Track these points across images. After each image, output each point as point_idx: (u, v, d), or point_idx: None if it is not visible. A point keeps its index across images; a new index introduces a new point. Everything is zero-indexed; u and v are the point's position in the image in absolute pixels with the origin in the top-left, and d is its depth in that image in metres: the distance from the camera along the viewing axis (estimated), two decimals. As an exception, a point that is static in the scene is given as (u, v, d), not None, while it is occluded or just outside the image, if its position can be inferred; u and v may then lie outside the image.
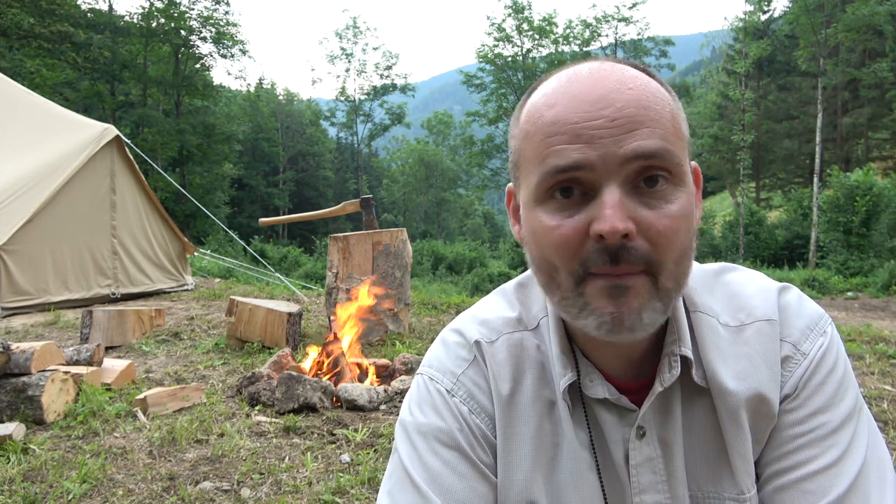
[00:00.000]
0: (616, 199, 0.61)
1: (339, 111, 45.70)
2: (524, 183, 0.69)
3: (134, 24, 27.99)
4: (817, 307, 0.77)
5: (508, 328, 0.79)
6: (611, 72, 0.65)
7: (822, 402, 0.70)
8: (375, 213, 5.04)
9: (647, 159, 0.61)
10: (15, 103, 7.06)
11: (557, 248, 0.64)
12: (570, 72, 0.68)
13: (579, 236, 0.63)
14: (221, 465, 2.53)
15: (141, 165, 8.36)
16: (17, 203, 6.03)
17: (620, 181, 0.62)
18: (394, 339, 4.71)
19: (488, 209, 59.40)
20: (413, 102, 49.32)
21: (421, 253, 24.71)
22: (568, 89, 0.65)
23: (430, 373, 0.79)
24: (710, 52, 67.28)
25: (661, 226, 0.62)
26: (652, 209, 0.62)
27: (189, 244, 8.39)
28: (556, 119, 0.64)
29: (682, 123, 0.68)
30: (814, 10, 23.07)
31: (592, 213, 0.62)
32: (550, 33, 35.63)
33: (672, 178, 0.63)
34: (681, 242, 0.63)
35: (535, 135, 0.66)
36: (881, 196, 17.52)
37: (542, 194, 0.65)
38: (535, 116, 0.67)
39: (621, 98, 0.62)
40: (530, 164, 0.67)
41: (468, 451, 0.72)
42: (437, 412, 0.75)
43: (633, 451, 0.72)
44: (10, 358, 3.06)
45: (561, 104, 0.64)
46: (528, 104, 0.70)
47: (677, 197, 0.63)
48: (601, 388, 0.72)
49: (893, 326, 7.68)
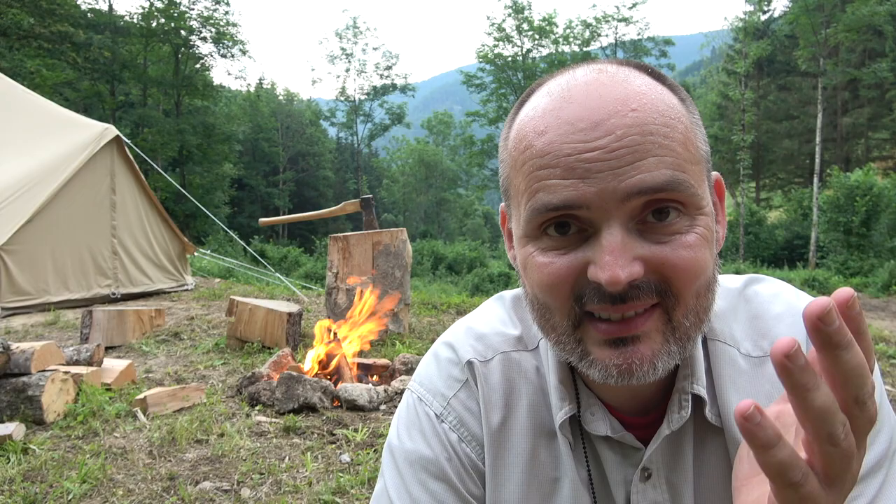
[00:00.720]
0: (617, 242, 0.52)
1: (339, 111, 45.77)
2: (514, 214, 0.62)
3: (134, 24, 27.99)
4: None
5: (506, 347, 0.73)
6: (611, 86, 0.55)
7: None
8: (375, 213, 5.04)
9: (654, 193, 0.53)
10: (15, 103, 7.06)
11: (550, 288, 0.57)
12: (564, 85, 0.58)
13: (573, 276, 0.55)
14: (221, 465, 2.53)
15: (141, 165, 8.36)
16: (17, 203, 6.03)
17: (623, 219, 0.53)
18: (394, 339, 4.71)
19: (488, 209, 59.38)
20: (413, 102, 49.37)
21: (421, 253, 24.71)
22: (561, 111, 0.56)
23: (420, 392, 0.74)
24: (710, 52, 67.28)
25: (677, 258, 0.54)
26: (664, 244, 0.54)
27: (189, 244, 8.39)
28: (546, 149, 0.55)
29: (698, 140, 0.58)
30: (814, 10, 23.08)
31: (590, 255, 0.54)
32: (550, 33, 35.66)
33: (686, 209, 0.54)
34: (701, 275, 0.55)
35: (523, 165, 0.57)
36: (881, 196, 17.53)
37: (534, 230, 0.57)
38: (523, 143, 0.58)
39: (622, 122, 0.53)
40: (520, 197, 0.59)
41: (456, 483, 0.68)
42: (424, 439, 0.70)
43: (636, 494, 0.66)
44: (10, 358, 3.06)
45: (552, 131, 0.55)
46: (517, 124, 0.61)
47: (694, 227, 0.55)
48: (603, 424, 0.66)
49: (893, 326, 7.68)
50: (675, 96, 0.59)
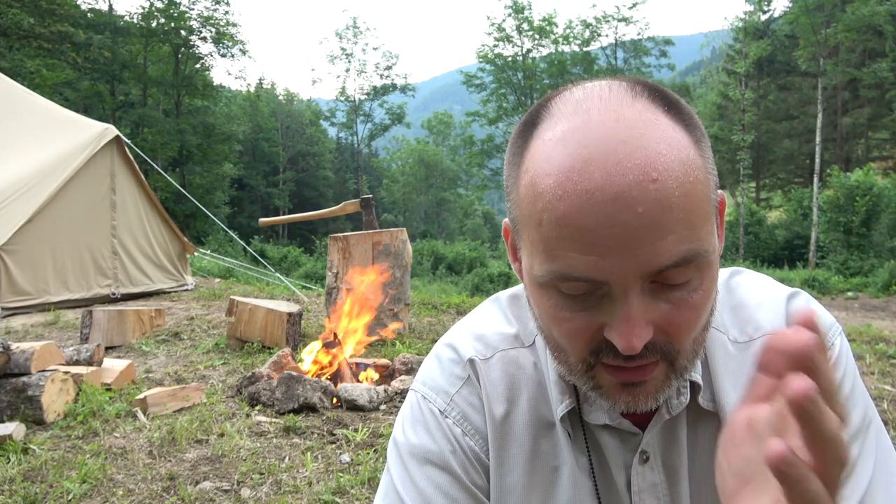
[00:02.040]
0: (633, 313, 0.54)
1: (339, 111, 45.76)
2: (525, 253, 0.61)
3: (134, 24, 27.99)
4: (827, 315, 0.73)
5: (505, 345, 0.76)
6: (630, 145, 0.53)
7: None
8: (375, 213, 5.04)
9: (671, 268, 0.53)
10: (15, 103, 7.06)
11: (567, 339, 0.59)
12: (581, 136, 0.54)
13: (590, 332, 0.57)
14: (221, 465, 2.53)
15: (141, 165, 8.36)
16: (17, 203, 6.03)
17: (638, 289, 0.54)
18: (394, 339, 4.71)
19: (488, 209, 59.42)
20: (413, 102, 49.37)
21: (421, 253, 24.71)
22: (579, 176, 0.53)
23: (424, 391, 0.76)
24: (710, 52, 67.26)
25: (683, 321, 0.56)
26: (673, 303, 0.56)
27: (189, 244, 8.39)
28: (566, 220, 0.53)
29: (710, 186, 0.57)
30: (814, 10, 23.08)
31: (607, 317, 0.56)
32: (550, 33, 35.65)
33: (698, 270, 0.55)
34: (701, 325, 0.59)
35: (539, 224, 0.56)
36: (881, 196, 17.54)
37: (548, 282, 0.57)
38: (539, 203, 0.56)
39: (643, 198, 0.51)
40: (533, 248, 0.58)
41: (461, 475, 0.71)
42: (429, 433, 0.73)
43: (636, 476, 0.70)
44: (10, 358, 3.06)
45: (570, 198, 0.53)
46: (529, 163, 0.58)
47: (702, 281, 0.56)
48: (601, 414, 0.69)
49: (893, 326, 7.68)
50: (688, 136, 0.56)
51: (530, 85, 35.21)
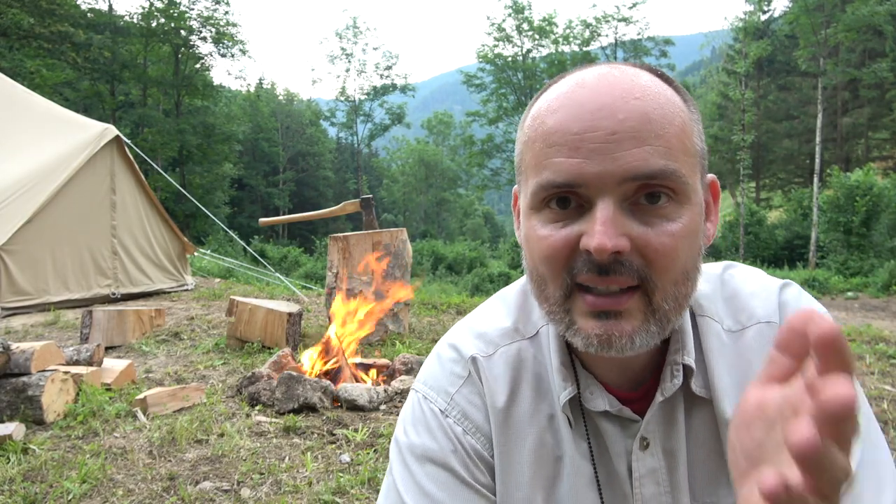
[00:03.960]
0: (608, 216, 0.58)
1: (339, 111, 45.71)
2: (523, 189, 0.68)
3: (134, 24, 27.97)
4: (818, 305, 0.74)
5: (506, 340, 0.77)
6: (619, 78, 0.62)
7: None
8: (375, 213, 5.03)
9: (647, 179, 0.58)
10: (15, 103, 7.06)
11: (546, 259, 0.62)
12: (578, 76, 0.64)
13: (569, 247, 0.61)
14: (221, 465, 2.53)
15: (141, 165, 8.36)
16: (17, 203, 6.02)
17: (617, 197, 0.59)
18: (394, 339, 4.71)
19: (488, 209, 59.42)
20: (413, 102, 49.32)
21: (421, 253, 24.70)
22: (572, 96, 0.62)
23: (424, 391, 0.77)
24: (710, 52, 67.31)
25: (658, 243, 0.59)
26: (650, 226, 0.59)
27: (189, 244, 8.38)
28: (556, 128, 0.61)
29: (694, 137, 0.64)
30: (814, 10, 23.07)
31: (585, 227, 0.60)
32: (550, 33, 35.63)
33: (676, 196, 0.60)
34: (681, 262, 0.60)
35: (535, 141, 0.64)
36: (881, 196, 17.52)
37: (538, 203, 0.63)
38: (537, 122, 0.64)
39: (625, 108, 0.59)
40: (529, 172, 0.65)
41: (462, 474, 0.71)
42: (430, 433, 0.73)
43: (637, 462, 0.71)
44: (10, 358, 3.06)
45: (563, 111, 0.61)
46: (534, 108, 0.67)
47: (680, 215, 0.60)
48: (602, 401, 0.71)
49: (893, 326, 7.67)
50: (678, 95, 0.64)
51: (530, 85, 35.17)
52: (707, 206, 0.67)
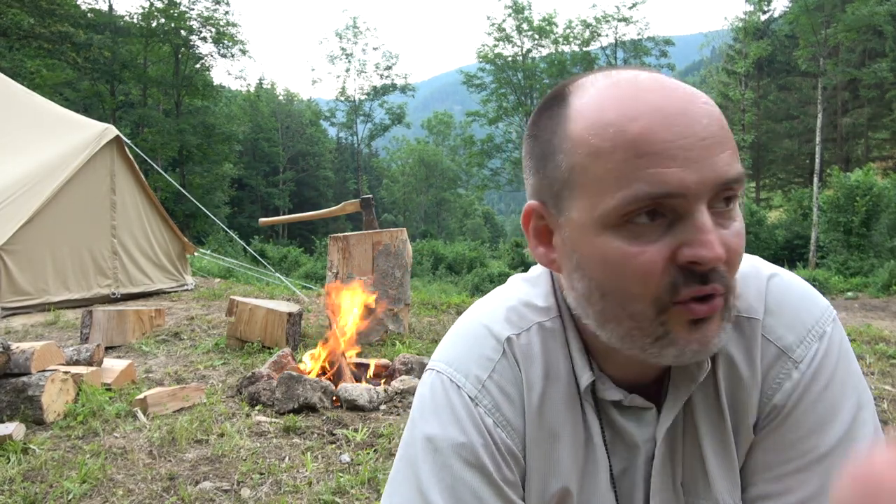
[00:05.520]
0: (710, 223, 0.56)
1: (339, 111, 45.72)
2: (582, 204, 0.60)
3: (134, 24, 27.96)
4: (818, 299, 0.71)
5: (540, 316, 0.72)
6: (672, 82, 0.59)
7: (816, 420, 0.64)
8: (375, 213, 5.03)
9: (734, 184, 0.58)
10: (15, 103, 7.06)
11: (641, 277, 0.57)
12: (625, 77, 0.60)
13: (665, 262, 0.57)
14: (221, 465, 2.53)
15: (141, 165, 8.36)
16: (17, 203, 6.02)
17: (708, 204, 0.57)
18: (394, 340, 4.71)
19: (488, 209, 59.42)
20: (413, 102, 49.34)
21: (421, 253, 24.70)
22: (643, 98, 0.57)
23: (451, 373, 0.69)
24: (710, 52, 67.31)
25: (735, 245, 0.59)
26: (727, 229, 0.59)
27: (189, 244, 8.38)
28: (645, 136, 0.55)
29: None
30: (814, 10, 23.08)
31: (681, 238, 0.56)
32: (550, 33, 35.64)
33: (736, 199, 0.61)
34: (741, 260, 0.62)
35: (612, 152, 0.56)
36: (881, 196, 17.52)
37: (619, 218, 0.57)
38: (610, 129, 0.57)
39: (702, 112, 0.57)
40: (602, 185, 0.58)
41: (491, 471, 0.65)
42: (458, 424, 0.66)
43: (658, 450, 0.69)
44: (10, 358, 3.06)
45: (644, 117, 0.56)
46: (579, 111, 0.60)
47: (738, 213, 0.61)
48: (615, 391, 0.69)
49: (893, 326, 7.67)
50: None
51: (530, 85, 35.18)
52: None
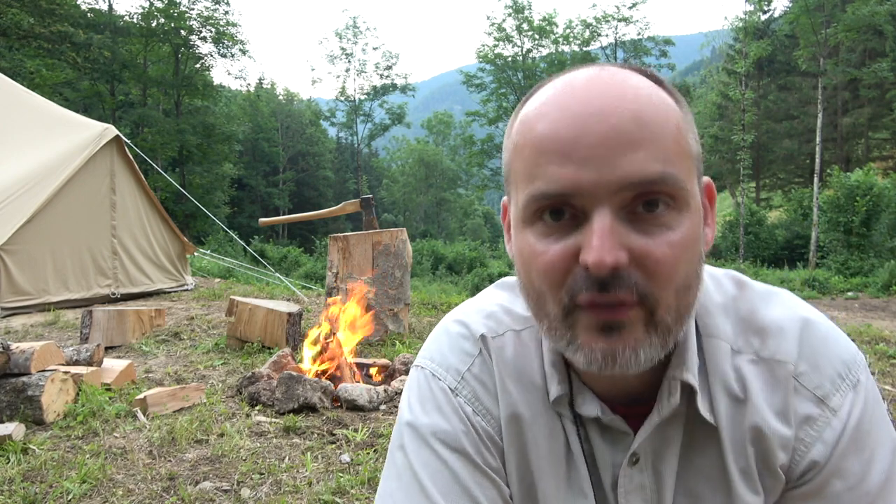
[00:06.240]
0: (606, 227, 0.54)
1: (339, 111, 45.73)
2: (514, 200, 0.64)
3: (134, 24, 27.98)
4: (850, 346, 0.67)
5: (516, 324, 0.74)
6: (609, 81, 0.58)
7: (859, 469, 0.63)
8: (375, 213, 5.03)
9: (645, 187, 0.55)
10: (15, 103, 7.06)
11: (544, 275, 0.59)
12: (567, 79, 0.61)
13: (566, 263, 0.57)
14: (221, 465, 2.53)
15: (141, 165, 8.36)
16: (17, 203, 6.02)
17: (614, 206, 0.55)
18: (394, 340, 4.71)
19: (488, 209, 59.38)
20: (413, 102, 49.34)
21: (421, 253, 24.69)
22: (561, 100, 0.59)
23: (433, 368, 0.73)
24: (710, 52, 67.30)
25: (660, 254, 0.55)
26: (650, 236, 0.56)
27: (189, 244, 8.38)
28: (546, 134, 0.58)
29: (690, 139, 0.61)
30: (814, 10, 23.06)
31: (581, 240, 0.56)
32: (550, 33, 35.65)
33: (674, 203, 0.57)
34: (683, 272, 0.57)
35: (523, 149, 0.60)
36: (881, 196, 17.51)
37: (531, 216, 0.59)
38: (525, 128, 0.61)
39: (618, 112, 0.55)
40: (519, 182, 0.61)
41: (473, 456, 0.68)
42: (440, 412, 0.70)
43: (623, 478, 0.68)
44: (10, 358, 3.06)
45: (552, 116, 0.58)
46: (522, 113, 0.64)
47: (680, 223, 0.57)
48: (594, 406, 0.68)
49: (893, 326, 7.67)
50: (670, 97, 0.62)
51: (530, 85, 35.02)
52: (704, 211, 0.64)
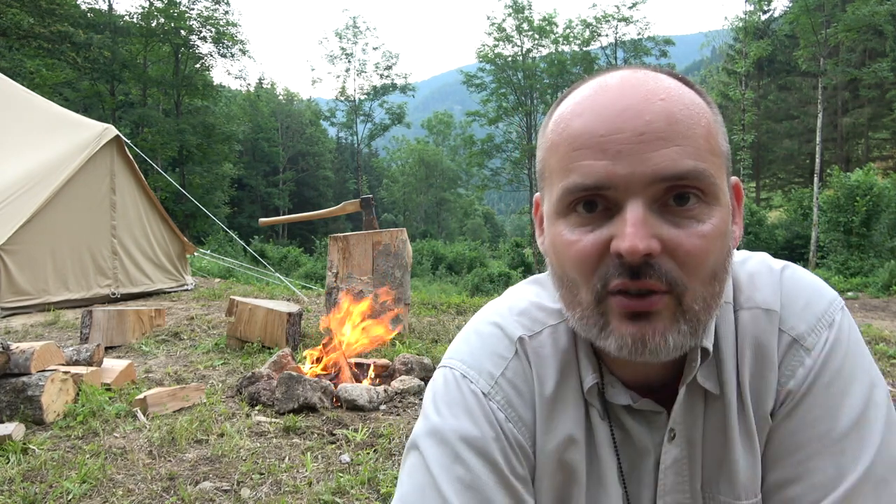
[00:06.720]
0: (639, 217, 0.57)
1: (339, 111, 45.71)
2: (548, 194, 0.67)
3: (134, 24, 27.96)
4: (826, 289, 0.71)
5: (551, 319, 0.74)
6: (643, 81, 0.62)
7: (828, 405, 0.65)
8: (375, 213, 5.03)
9: (677, 180, 0.58)
10: (15, 103, 7.06)
11: (577, 264, 0.61)
12: (601, 80, 0.65)
13: (598, 252, 0.60)
14: (221, 465, 2.53)
15: (141, 165, 8.36)
16: (17, 203, 6.02)
17: (647, 198, 0.58)
18: (394, 339, 4.71)
19: (488, 209, 59.44)
20: (413, 102, 49.33)
21: (421, 253, 24.72)
22: (596, 99, 0.62)
23: (463, 369, 0.71)
24: (710, 52, 67.30)
25: (690, 245, 0.58)
26: (681, 228, 0.59)
27: (189, 244, 8.39)
28: (582, 130, 0.61)
29: (720, 137, 0.64)
30: (814, 10, 23.05)
31: (614, 230, 0.59)
32: (550, 33, 35.60)
33: (705, 197, 0.59)
34: (711, 264, 0.60)
35: (559, 146, 0.63)
36: (881, 196, 17.49)
37: (565, 208, 0.63)
38: (560, 126, 0.64)
39: (651, 110, 0.59)
40: (554, 177, 0.64)
41: (501, 464, 0.66)
42: (470, 417, 0.68)
43: (665, 454, 0.70)
44: (10, 358, 3.06)
45: (587, 114, 0.61)
46: (557, 113, 0.67)
47: (710, 216, 0.60)
48: (624, 394, 0.70)
49: (893, 326, 7.67)
50: (700, 98, 0.65)
51: (530, 85, 35.15)
52: (732, 209, 0.66)
